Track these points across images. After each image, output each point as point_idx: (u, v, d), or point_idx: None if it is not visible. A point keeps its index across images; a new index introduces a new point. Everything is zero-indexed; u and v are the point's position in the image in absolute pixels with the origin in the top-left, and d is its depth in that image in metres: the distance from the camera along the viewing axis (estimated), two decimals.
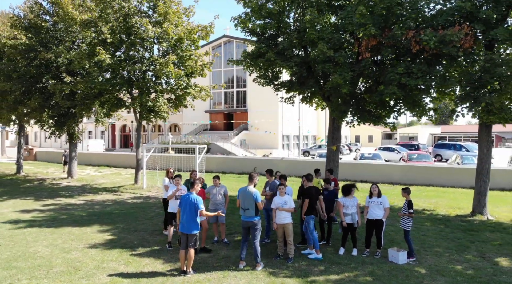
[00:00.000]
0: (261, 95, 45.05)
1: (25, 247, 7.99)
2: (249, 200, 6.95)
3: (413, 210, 7.71)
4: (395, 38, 9.46)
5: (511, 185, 16.26)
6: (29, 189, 16.89)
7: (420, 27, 9.72)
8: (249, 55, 11.70)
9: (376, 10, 9.43)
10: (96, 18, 15.52)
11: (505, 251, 7.97)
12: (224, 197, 8.37)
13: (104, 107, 17.02)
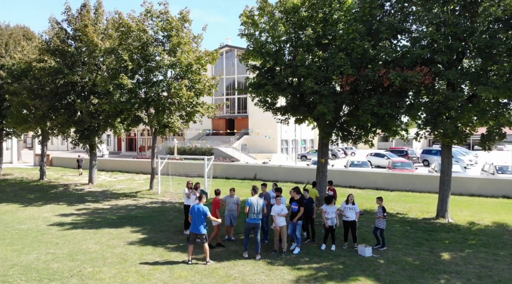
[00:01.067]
0: None
1: (78, 244, 10.20)
2: (260, 207, 9.25)
3: (387, 213, 9.97)
4: (368, 76, 11.71)
5: (479, 191, 18.46)
6: (58, 194, 19.10)
7: (390, 66, 11.98)
8: (252, 85, 13.94)
9: (354, 55, 11.67)
10: (117, 45, 17.77)
11: (451, 248, 10.18)
12: (237, 205, 10.57)
13: (124, 123, 19.23)
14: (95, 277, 7.85)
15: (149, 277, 7.85)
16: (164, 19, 17.60)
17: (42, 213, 14.40)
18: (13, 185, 22.69)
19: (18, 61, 22.17)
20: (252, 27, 13.68)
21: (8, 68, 22.90)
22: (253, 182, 24.06)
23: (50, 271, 8.17)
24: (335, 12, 13.02)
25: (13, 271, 8.19)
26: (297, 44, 13.37)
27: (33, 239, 10.67)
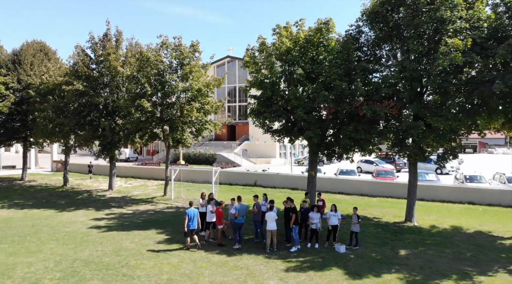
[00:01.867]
0: None
1: (118, 243, 12.94)
2: (243, 212, 12.23)
3: (361, 220, 12.71)
4: (346, 109, 14.49)
5: (449, 198, 21.22)
6: (84, 200, 21.86)
7: (365, 99, 14.75)
8: (253, 112, 16.71)
9: (334, 91, 14.44)
10: (136, 72, 20.54)
11: (409, 246, 12.93)
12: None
13: (142, 139, 21.97)
14: (139, 267, 10.60)
15: (178, 267, 10.60)
16: (178, 50, 20.37)
17: (77, 218, 17.15)
18: (41, 191, 25.43)
19: (45, 82, 24.91)
20: (253, 65, 16.46)
21: (36, 88, 25.65)
22: (254, 187, 26.88)
23: (104, 263, 10.92)
24: (321, 53, 15.79)
25: (76, 264, 10.93)
26: (290, 79, 16.12)
27: (81, 240, 13.41)
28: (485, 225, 16.02)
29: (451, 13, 12.75)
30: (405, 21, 13.68)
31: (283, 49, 15.89)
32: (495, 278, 10.05)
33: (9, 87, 26.40)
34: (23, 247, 12.53)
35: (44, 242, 13.04)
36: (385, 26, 14.82)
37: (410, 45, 13.45)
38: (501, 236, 14.37)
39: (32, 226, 15.43)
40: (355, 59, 15.15)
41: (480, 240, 13.75)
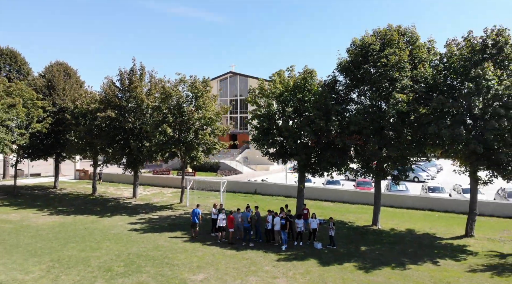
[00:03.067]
0: None
1: (155, 242, 17.36)
2: (246, 219, 16.65)
3: (334, 226, 17.18)
4: (325, 140, 19.00)
5: (413, 205, 25.69)
6: (115, 207, 26.27)
7: (338, 133, 19.23)
8: (254, 139, 21.22)
9: (315, 128, 18.94)
10: (159, 102, 25.01)
11: (369, 244, 17.37)
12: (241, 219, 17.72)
13: (163, 157, 26.40)
14: (175, 258, 15.04)
15: (202, 258, 15.05)
16: (193, 86, 24.85)
17: (116, 222, 21.59)
18: (75, 199, 29.85)
19: (79, 107, 29.33)
20: (255, 104, 20.99)
21: (70, 111, 30.08)
22: (254, 195, 31.37)
23: (150, 256, 15.35)
24: (306, 95, 20.28)
25: (131, 256, 15.35)
26: (283, 114, 20.63)
27: (127, 239, 17.86)
28: (434, 228, 20.51)
29: (399, 74, 17.26)
30: (366, 76, 18.21)
31: (277, 93, 20.41)
32: (421, 266, 14.51)
33: (46, 110, 30.80)
34: (86, 245, 16.97)
35: (100, 242, 17.49)
36: (354, 77, 19.34)
37: (370, 95, 17.97)
38: (441, 237, 18.85)
39: (84, 229, 19.87)
40: (332, 102, 19.64)
41: (424, 240, 18.24)
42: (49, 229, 19.67)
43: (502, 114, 15.20)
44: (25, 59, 40.45)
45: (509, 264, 14.86)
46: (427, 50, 18.70)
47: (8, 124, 26.87)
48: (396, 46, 17.87)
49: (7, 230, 19.51)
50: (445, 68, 17.42)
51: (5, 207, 25.88)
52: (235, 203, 26.86)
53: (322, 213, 23.58)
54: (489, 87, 15.35)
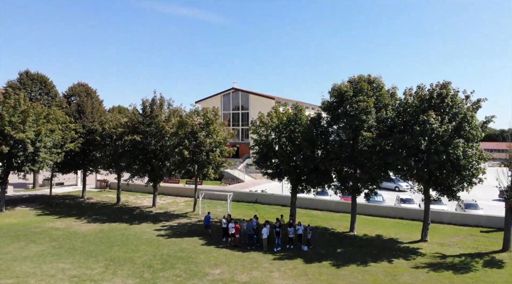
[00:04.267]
0: None
1: (179, 245, 22.21)
2: (250, 227, 21.53)
3: (312, 230, 22.06)
4: (312, 164, 23.92)
5: (387, 214, 30.55)
6: (140, 215, 31.11)
7: (322, 159, 24.12)
8: (255, 162, 26.16)
9: (304, 154, 23.88)
10: (177, 128, 29.90)
11: (343, 247, 22.23)
12: (246, 227, 22.60)
13: (180, 173, 31.24)
14: (197, 258, 19.90)
15: (217, 258, 19.92)
16: (205, 116, 29.78)
17: (145, 229, 26.44)
18: (104, 208, 34.70)
19: (107, 130, 34.19)
20: (256, 134, 25.97)
21: (99, 133, 34.97)
22: (255, 204, 36.24)
23: (178, 256, 20.21)
24: (297, 127, 25.19)
25: (163, 257, 20.20)
26: (279, 142, 25.55)
27: (157, 243, 22.72)
28: (399, 234, 25.39)
29: (366, 117, 22.20)
30: (342, 116, 23.17)
31: (273, 125, 25.36)
32: (378, 264, 19.39)
33: (77, 132, 35.69)
34: (128, 248, 21.82)
35: (137, 245, 22.36)
36: (333, 114, 24.25)
37: (345, 131, 22.92)
38: (402, 241, 23.73)
39: (121, 235, 24.75)
40: (317, 133, 24.56)
41: (387, 244, 23.13)
42: (93, 235, 24.55)
43: (441, 150, 20.13)
44: (53, 83, 45.35)
45: (445, 263, 19.76)
46: (390, 95, 23.66)
47: (48, 145, 31.72)
48: (365, 94, 22.81)
49: (60, 236, 24.38)
50: (403, 111, 22.36)
51: (48, 215, 30.73)
52: (239, 212, 31.78)
53: (311, 221, 28.41)
54: (432, 130, 20.26)
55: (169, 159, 30.38)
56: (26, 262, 19.16)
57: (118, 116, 35.62)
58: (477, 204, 30.30)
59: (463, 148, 19.96)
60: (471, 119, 20.41)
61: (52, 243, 22.62)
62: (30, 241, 23.02)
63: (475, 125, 20.42)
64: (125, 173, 35.98)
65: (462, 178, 20.87)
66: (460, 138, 20.20)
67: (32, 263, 19.01)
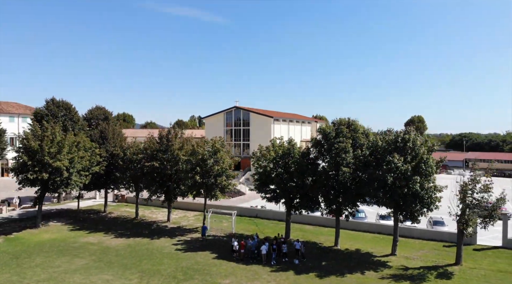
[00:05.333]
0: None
1: (195, 259, 27.09)
2: (254, 246, 26.54)
3: (303, 245, 27.08)
4: (302, 191, 28.97)
5: (368, 230, 35.49)
6: (158, 230, 36.02)
7: (311, 186, 29.15)
8: (256, 188, 31.21)
9: (295, 183, 28.92)
10: (189, 156, 34.89)
11: (327, 260, 27.16)
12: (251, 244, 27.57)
13: (192, 194, 36.19)
14: (210, 270, 24.84)
15: (226, 269, 24.85)
16: (214, 146, 34.79)
17: (164, 244, 31.35)
18: (125, 222, 39.61)
19: (128, 155, 39.14)
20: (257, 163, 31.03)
21: (120, 158, 39.91)
22: (256, 219, 41.19)
23: (195, 268, 25.15)
24: (290, 159, 30.19)
25: (184, 269, 25.12)
26: (276, 172, 30.54)
27: (176, 257, 27.65)
28: (374, 248, 30.34)
29: (345, 155, 27.21)
30: (325, 152, 28.19)
31: (270, 158, 30.40)
32: (353, 275, 24.32)
33: (102, 156, 40.66)
34: (154, 261, 26.74)
35: (161, 259, 27.28)
36: (320, 150, 29.25)
37: (328, 165, 27.94)
38: (375, 255, 28.68)
39: (146, 249, 29.67)
40: (307, 165, 29.56)
41: (364, 257, 28.07)
42: (123, 250, 29.51)
43: (403, 184, 25.13)
44: (76, 109, 50.34)
45: (406, 275, 24.72)
46: (365, 136, 28.71)
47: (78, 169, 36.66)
48: (344, 135, 27.83)
49: (97, 250, 29.32)
50: (374, 151, 27.38)
51: (79, 230, 35.67)
52: (242, 226, 36.74)
53: (303, 235, 33.41)
54: (396, 168, 25.26)
55: (183, 182, 35.37)
56: (76, 274, 24.13)
57: (137, 142, 40.61)
58: (443, 221, 35.27)
59: (420, 183, 24.95)
60: (426, 160, 25.41)
61: (92, 257, 27.60)
62: (73, 255, 27.99)
63: (430, 164, 25.42)
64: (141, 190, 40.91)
65: (422, 205, 25.87)
66: (418, 175, 25.18)
67: (81, 275, 23.98)
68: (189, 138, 37.23)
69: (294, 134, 76.51)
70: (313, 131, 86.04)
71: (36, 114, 47.34)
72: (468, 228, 25.67)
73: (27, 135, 34.36)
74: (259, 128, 68.62)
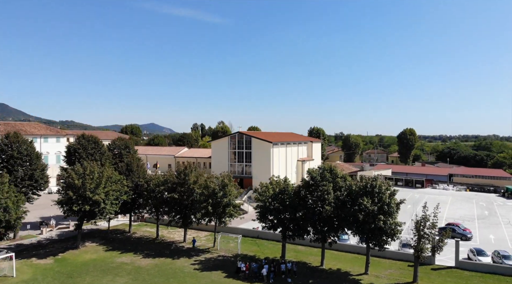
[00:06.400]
0: (261, 168, 71.86)
1: (209, 278, 34.10)
2: (256, 266, 33.72)
3: (294, 264, 34.15)
4: (294, 222, 36.14)
5: (350, 250, 42.48)
6: (176, 250, 43.06)
7: (302, 218, 36.32)
8: (258, 218, 38.39)
9: (289, 215, 36.07)
10: (203, 189, 42.09)
11: (313, 279, 34.21)
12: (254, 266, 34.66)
13: (204, 220, 43.26)
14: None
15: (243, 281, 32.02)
16: (223, 181, 41.98)
17: (183, 264, 38.40)
18: (149, 243, 46.63)
19: (151, 186, 46.31)
20: (258, 200, 38.25)
21: (144, 189, 47.09)
22: (257, 239, 48.24)
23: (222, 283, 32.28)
24: (285, 196, 37.34)
25: None
26: (273, 206, 37.67)
27: (196, 276, 34.69)
28: (352, 268, 37.34)
29: (327, 196, 34.34)
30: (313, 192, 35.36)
31: (269, 195, 37.60)
32: None
33: (128, 186, 47.83)
34: (179, 280, 33.76)
35: (184, 277, 34.34)
36: (308, 189, 36.40)
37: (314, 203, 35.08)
38: (352, 273, 35.69)
39: (170, 269, 36.70)
40: (298, 201, 36.70)
41: (342, 276, 35.08)
42: (152, 269, 36.58)
43: (371, 221, 32.26)
44: (102, 142, 57.59)
45: None
46: (344, 180, 35.84)
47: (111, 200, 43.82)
48: (326, 180, 34.97)
49: (132, 270, 36.37)
50: (350, 193, 34.52)
51: (112, 251, 42.74)
52: (245, 247, 43.75)
53: (296, 255, 40.43)
54: (365, 208, 32.37)
55: (197, 211, 42.59)
56: None
57: (158, 175, 47.83)
58: (411, 244, 42.24)
59: (384, 220, 32.06)
60: (389, 202, 32.53)
61: (129, 276, 34.70)
62: (114, 274, 35.09)
63: (392, 206, 32.54)
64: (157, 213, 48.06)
65: (386, 237, 32.95)
66: (382, 214, 32.29)
67: None
68: (202, 173, 44.40)
69: (291, 155, 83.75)
70: (309, 151, 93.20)
71: (70, 148, 54.64)
72: (422, 254, 32.68)
73: (71, 174, 41.56)
74: (260, 151, 75.81)
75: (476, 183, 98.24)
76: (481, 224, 56.84)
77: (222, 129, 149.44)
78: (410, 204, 62.58)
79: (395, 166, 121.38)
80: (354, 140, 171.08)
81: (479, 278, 34.64)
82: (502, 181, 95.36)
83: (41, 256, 40.18)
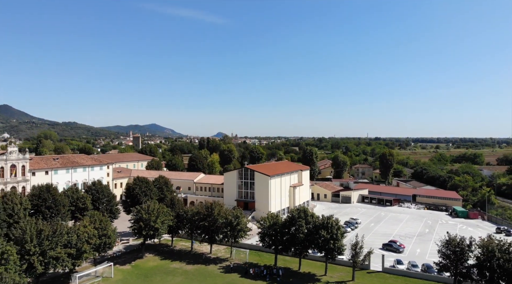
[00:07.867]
0: (261, 194, 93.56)
1: (231, 277, 55.15)
2: (260, 271, 55.19)
3: (281, 270, 55.36)
4: (284, 244, 57.50)
5: (321, 260, 63.62)
6: (207, 259, 64.07)
7: (289, 241, 57.58)
8: (260, 240, 59.75)
9: (286, 236, 57.44)
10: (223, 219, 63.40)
11: (293, 278, 55.35)
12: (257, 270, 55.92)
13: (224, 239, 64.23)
14: (245, 281, 53.06)
15: (249, 281, 53.11)
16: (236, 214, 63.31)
17: (212, 268, 59.43)
18: (186, 254, 67.75)
19: (189, 216, 67.47)
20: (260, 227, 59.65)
21: (184, 217, 68.32)
22: (259, 252, 69.51)
23: (234, 281, 53.33)
24: (277, 226, 58.59)
25: (227, 281, 53.32)
26: (269, 233, 58.90)
27: (222, 277, 55.77)
28: (318, 271, 58.37)
29: (301, 228, 55.59)
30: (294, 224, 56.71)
31: (267, 225, 58.97)
32: None
33: (172, 216, 68.91)
34: (213, 280, 54.84)
35: (214, 278, 55.37)
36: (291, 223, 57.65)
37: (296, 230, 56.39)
38: (317, 274, 56.76)
39: (205, 271, 57.79)
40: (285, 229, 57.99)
41: (311, 276, 56.16)
42: (195, 272, 57.64)
43: (326, 244, 53.57)
44: (151, 180, 78.86)
45: None
46: (312, 217, 57.17)
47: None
48: (301, 217, 56.27)
49: (183, 272, 57.40)
50: (314, 226, 55.79)
51: (165, 260, 63.74)
52: (251, 257, 64.78)
53: (284, 263, 61.39)
54: (323, 236, 53.70)
55: (220, 233, 63.81)
56: None
57: (192, 208, 69.20)
58: None
59: (333, 243, 53.28)
60: (337, 233, 53.80)
61: (182, 276, 55.86)
62: (172, 275, 56.22)
63: (338, 235, 53.77)
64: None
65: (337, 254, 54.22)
66: (333, 240, 53.49)
67: None
68: (222, 205, 65.76)
69: (285, 182, 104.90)
70: (299, 178, 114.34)
71: (129, 187, 75.99)
72: (356, 262, 53.88)
73: (140, 210, 62.91)
74: (260, 181, 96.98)
75: (433, 203, 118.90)
76: (416, 240, 77.80)
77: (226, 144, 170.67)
78: (373, 222, 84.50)
79: (372, 186, 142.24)
80: (342, 159, 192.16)
81: (394, 279, 55.66)
82: (453, 202, 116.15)
83: (122, 263, 61.37)
